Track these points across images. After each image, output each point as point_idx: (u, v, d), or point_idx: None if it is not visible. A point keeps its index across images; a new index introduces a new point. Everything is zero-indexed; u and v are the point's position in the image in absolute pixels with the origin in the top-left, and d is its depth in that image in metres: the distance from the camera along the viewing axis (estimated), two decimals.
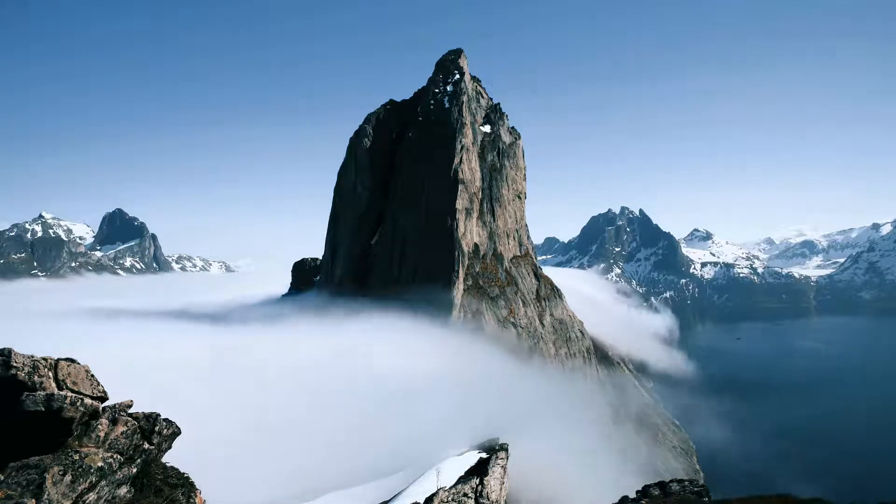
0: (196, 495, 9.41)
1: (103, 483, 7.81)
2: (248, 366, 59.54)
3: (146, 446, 9.00)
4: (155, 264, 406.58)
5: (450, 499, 21.84)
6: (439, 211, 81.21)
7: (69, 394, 7.96)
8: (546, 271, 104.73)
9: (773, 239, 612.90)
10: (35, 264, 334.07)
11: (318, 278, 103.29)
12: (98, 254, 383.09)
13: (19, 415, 7.54)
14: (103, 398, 8.70)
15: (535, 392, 67.44)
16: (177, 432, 9.81)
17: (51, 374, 8.04)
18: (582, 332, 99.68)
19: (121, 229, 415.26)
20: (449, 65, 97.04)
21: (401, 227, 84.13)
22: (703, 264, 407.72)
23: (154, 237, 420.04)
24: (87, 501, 7.52)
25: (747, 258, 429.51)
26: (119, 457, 8.32)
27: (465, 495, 22.67)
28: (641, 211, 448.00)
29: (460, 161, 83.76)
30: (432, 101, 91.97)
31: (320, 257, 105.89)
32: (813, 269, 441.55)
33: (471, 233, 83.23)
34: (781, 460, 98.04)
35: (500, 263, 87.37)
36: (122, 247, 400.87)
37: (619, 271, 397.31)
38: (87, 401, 8.21)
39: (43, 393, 7.71)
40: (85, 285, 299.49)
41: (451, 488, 22.79)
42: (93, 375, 8.66)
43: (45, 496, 6.90)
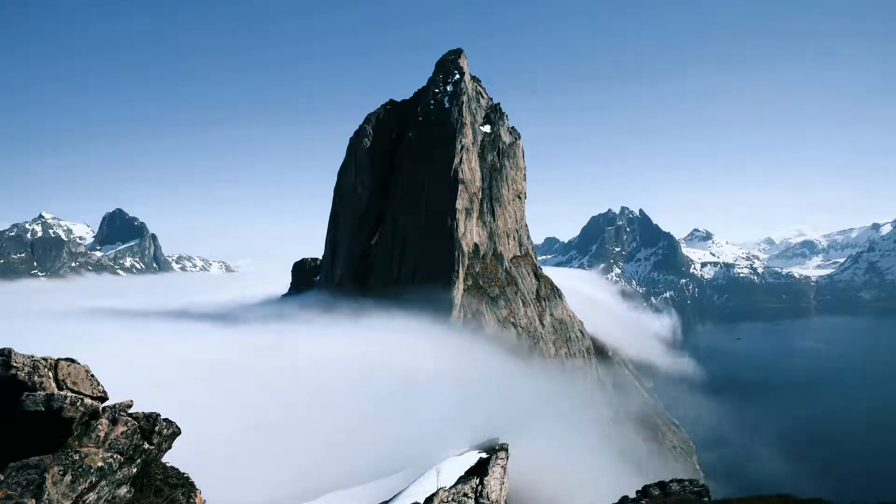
0: (196, 495, 9.41)
1: (103, 483, 7.81)
2: (247, 366, 59.54)
3: (146, 446, 9.00)
4: (155, 264, 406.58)
5: (450, 499, 21.84)
6: (439, 211, 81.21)
7: (69, 394, 7.96)
8: (546, 271, 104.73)
9: (773, 239, 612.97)
10: (35, 264, 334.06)
11: (318, 278, 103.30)
12: (98, 254, 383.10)
13: (19, 415, 7.54)
14: (103, 398, 8.70)
15: (535, 392, 67.43)
16: (177, 432, 9.81)
17: (51, 374, 8.04)
18: (582, 332, 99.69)
19: (121, 229, 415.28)
20: (449, 65, 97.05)
21: (401, 227, 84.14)
22: (703, 264, 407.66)
23: (154, 237, 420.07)
24: (87, 501, 7.52)
25: (747, 258, 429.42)
26: (119, 457, 8.32)
27: (465, 495, 22.67)
28: (641, 211, 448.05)
29: (460, 161, 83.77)
30: (432, 101, 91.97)
31: (320, 257, 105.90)
32: (813, 269, 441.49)
33: (471, 233, 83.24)
34: (781, 460, 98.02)
35: (500, 263, 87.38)
36: (122, 247, 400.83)
37: (619, 271, 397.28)
38: (87, 401, 8.21)
39: (43, 393, 7.71)
40: (85, 285, 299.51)
41: (451, 488, 22.79)
42: (93, 375, 8.66)
43: (45, 496, 6.90)
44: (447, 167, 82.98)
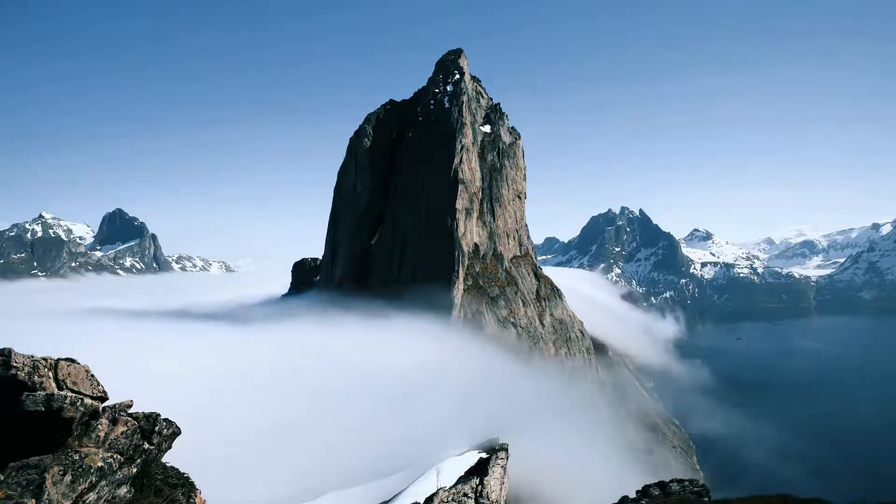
0: (196, 495, 9.41)
1: (103, 483, 7.81)
2: (248, 366, 59.55)
3: (146, 446, 9.00)
4: (155, 264, 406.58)
5: (450, 499, 21.83)
6: (439, 211, 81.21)
7: (69, 394, 7.96)
8: (546, 271, 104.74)
9: (773, 239, 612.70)
10: (35, 264, 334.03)
11: (318, 278, 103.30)
12: (98, 254, 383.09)
13: (19, 415, 7.54)
14: (103, 398, 8.70)
15: (535, 392, 67.42)
16: (177, 432, 9.81)
17: (51, 374, 8.04)
18: (582, 332, 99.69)
19: (121, 229, 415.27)
20: (449, 65, 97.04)
21: (401, 227, 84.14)
22: (703, 264, 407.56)
23: (154, 237, 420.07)
24: (87, 501, 7.52)
25: (747, 258, 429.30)
26: (119, 457, 8.32)
27: (465, 495, 22.66)
28: (641, 211, 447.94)
29: (460, 161, 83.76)
30: (432, 101, 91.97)
31: (320, 257, 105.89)
32: (813, 269, 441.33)
33: (471, 233, 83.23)
34: (781, 460, 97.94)
35: (500, 263, 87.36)
36: (122, 247, 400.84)
37: (619, 271, 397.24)
38: (87, 401, 8.21)
39: (43, 393, 7.71)
40: (85, 285, 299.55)
41: (451, 488, 22.78)
42: (93, 375, 8.66)
43: (45, 496, 6.90)
44: (447, 167, 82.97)
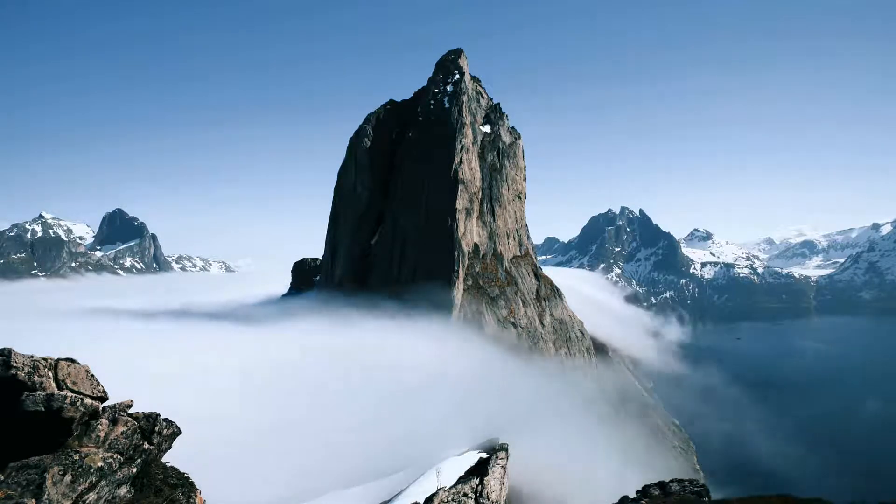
0: (196, 495, 9.41)
1: (103, 483, 7.81)
2: (248, 366, 59.55)
3: (146, 446, 9.00)
4: (155, 264, 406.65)
5: (450, 499, 21.83)
6: (439, 211, 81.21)
7: (69, 394, 7.95)
8: (546, 271, 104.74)
9: (773, 239, 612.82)
10: (35, 264, 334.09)
11: (318, 278, 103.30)
12: (98, 254, 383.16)
13: (19, 415, 7.54)
14: (103, 398, 8.70)
15: (536, 392, 67.41)
16: (177, 432, 9.80)
17: (51, 374, 8.04)
18: (582, 332, 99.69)
19: (121, 229, 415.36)
20: (449, 65, 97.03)
21: (401, 227, 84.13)
22: (703, 264, 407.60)
23: (154, 237, 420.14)
24: (87, 501, 7.52)
25: (747, 258, 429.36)
26: (119, 457, 8.31)
27: (465, 495, 22.66)
28: (641, 211, 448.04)
29: (460, 161, 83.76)
30: (432, 101, 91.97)
31: (320, 257, 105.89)
32: (813, 269, 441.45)
33: (471, 233, 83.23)
34: (782, 460, 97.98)
35: (500, 263, 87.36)
36: (122, 247, 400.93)
37: (619, 271, 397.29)
38: (87, 401, 8.20)
39: (43, 393, 7.70)
40: (85, 285, 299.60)
41: (451, 488, 22.78)
42: (93, 375, 8.65)
43: (45, 496, 6.90)
44: (447, 167, 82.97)
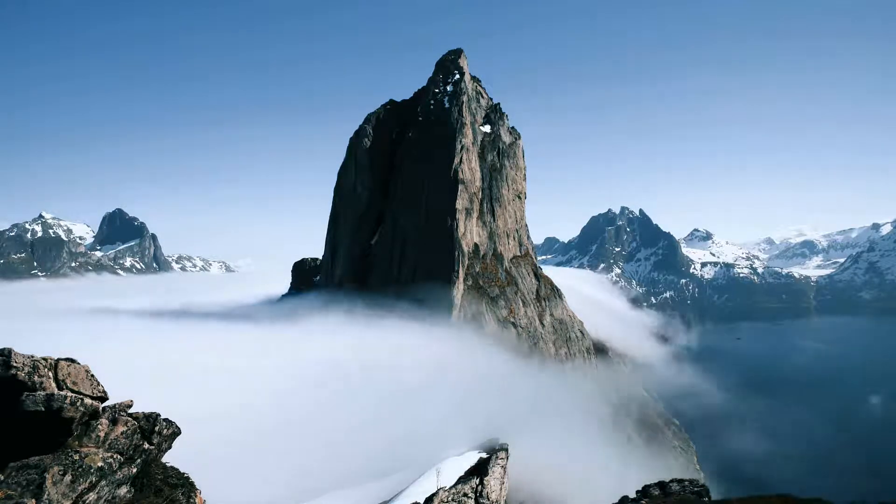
0: (196, 495, 9.41)
1: (103, 483, 7.81)
2: (247, 366, 59.55)
3: (146, 446, 9.00)
4: (155, 264, 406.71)
5: (450, 499, 21.83)
6: (439, 211, 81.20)
7: (69, 394, 7.96)
8: (546, 271, 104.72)
9: (773, 239, 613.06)
10: (35, 264, 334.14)
11: (318, 278, 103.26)
12: (98, 254, 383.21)
13: (19, 415, 7.54)
14: (103, 398, 8.70)
15: (536, 392, 67.42)
16: (177, 432, 9.80)
17: (51, 374, 8.04)
18: (582, 332, 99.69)
19: (121, 229, 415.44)
20: (449, 65, 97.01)
21: (401, 227, 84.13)
22: (703, 264, 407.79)
23: (154, 237, 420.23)
24: (87, 501, 7.52)
25: (747, 258, 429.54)
26: (119, 457, 8.32)
27: (465, 495, 22.66)
28: (641, 211, 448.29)
29: (460, 161, 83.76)
30: (432, 101, 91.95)
31: (320, 257, 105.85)
32: (813, 269, 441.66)
33: (471, 233, 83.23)
34: (781, 460, 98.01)
35: (500, 263, 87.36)
36: (122, 247, 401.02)
37: (619, 271, 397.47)
38: (87, 401, 8.21)
39: (43, 393, 7.70)
40: (85, 285, 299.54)
41: (451, 488, 22.78)
42: (93, 375, 8.66)
43: (45, 496, 6.90)
44: (447, 167, 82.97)
